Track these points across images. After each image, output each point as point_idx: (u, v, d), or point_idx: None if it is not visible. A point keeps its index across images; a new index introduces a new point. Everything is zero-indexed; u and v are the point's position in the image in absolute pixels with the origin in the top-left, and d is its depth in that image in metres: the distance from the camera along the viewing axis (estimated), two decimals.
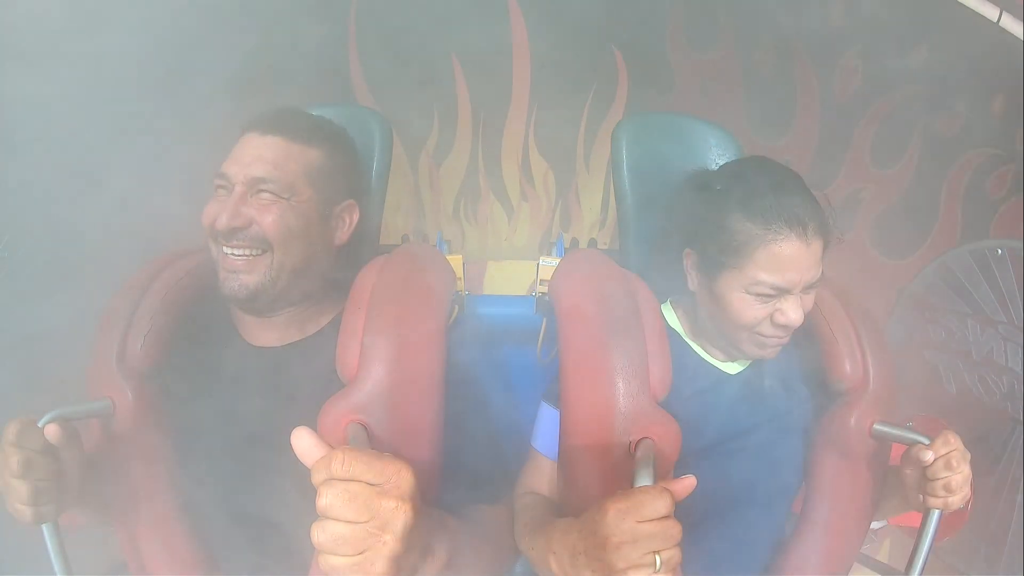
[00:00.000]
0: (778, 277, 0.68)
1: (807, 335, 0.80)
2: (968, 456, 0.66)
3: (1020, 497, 1.24)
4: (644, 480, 0.56)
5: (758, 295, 0.69)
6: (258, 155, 0.70)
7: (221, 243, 0.71)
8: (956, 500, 0.66)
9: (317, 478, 0.46)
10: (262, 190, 0.70)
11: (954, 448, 0.65)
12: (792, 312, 0.69)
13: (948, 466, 0.65)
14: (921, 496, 0.68)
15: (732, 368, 0.79)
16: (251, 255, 0.71)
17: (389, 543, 0.46)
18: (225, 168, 0.71)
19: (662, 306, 0.82)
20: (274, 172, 0.70)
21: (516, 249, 2.06)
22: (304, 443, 0.50)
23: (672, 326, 0.81)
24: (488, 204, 2.02)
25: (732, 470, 0.76)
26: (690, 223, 0.76)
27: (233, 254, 0.70)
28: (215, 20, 1.36)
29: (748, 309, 0.70)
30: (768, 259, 0.67)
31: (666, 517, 0.51)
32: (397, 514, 0.46)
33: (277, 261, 0.71)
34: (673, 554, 0.51)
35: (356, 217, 0.79)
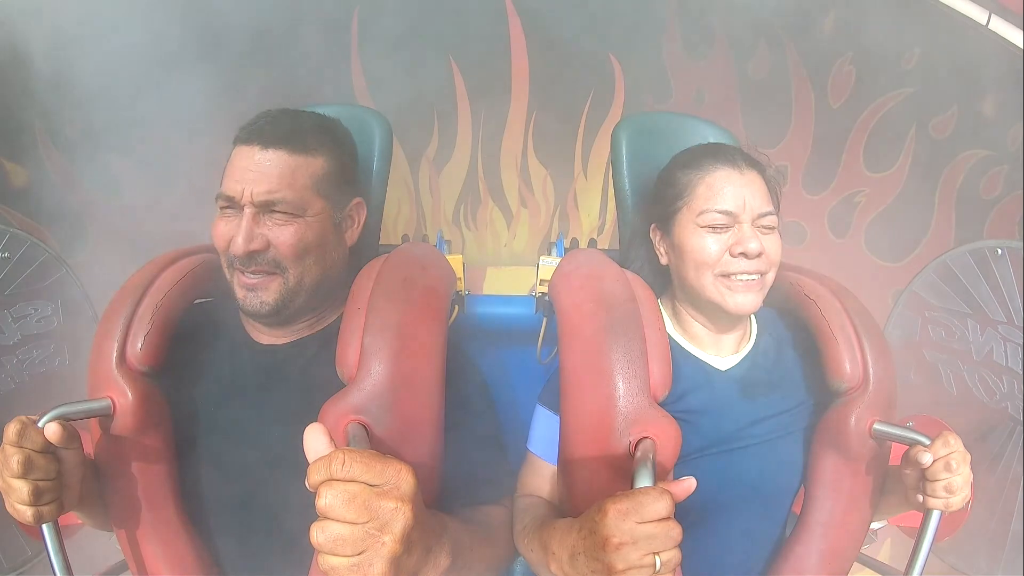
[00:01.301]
0: (720, 202, 0.73)
1: (806, 335, 0.80)
2: (968, 457, 0.66)
3: (1020, 497, 1.23)
4: (644, 480, 0.56)
5: (711, 227, 0.73)
6: (262, 172, 0.68)
7: (236, 266, 0.70)
8: (956, 501, 0.66)
9: (316, 478, 0.46)
10: (275, 210, 0.68)
11: (953, 449, 0.65)
12: (748, 241, 0.72)
13: (947, 467, 0.65)
14: (921, 497, 0.68)
15: (723, 364, 0.79)
16: (267, 274, 0.70)
17: (388, 544, 0.46)
18: (229, 189, 0.68)
19: None
20: (283, 191, 0.68)
21: (515, 255, 2.07)
22: (316, 441, 0.49)
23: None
24: (487, 210, 2.04)
25: (730, 471, 0.76)
26: (649, 203, 0.84)
27: (249, 272, 0.69)
28: (216, 25, 1.37)
29: (706, 243, 0.73)
30: (707, 190, 0.74)
31: (666, 518, 0.51)
32: (396, 515, 0.46)
33: (293, 280, 0.70)
34: (673, 555, 0.51)
35: (364, 215, 0.79)
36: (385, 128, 0.90)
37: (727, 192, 0.73)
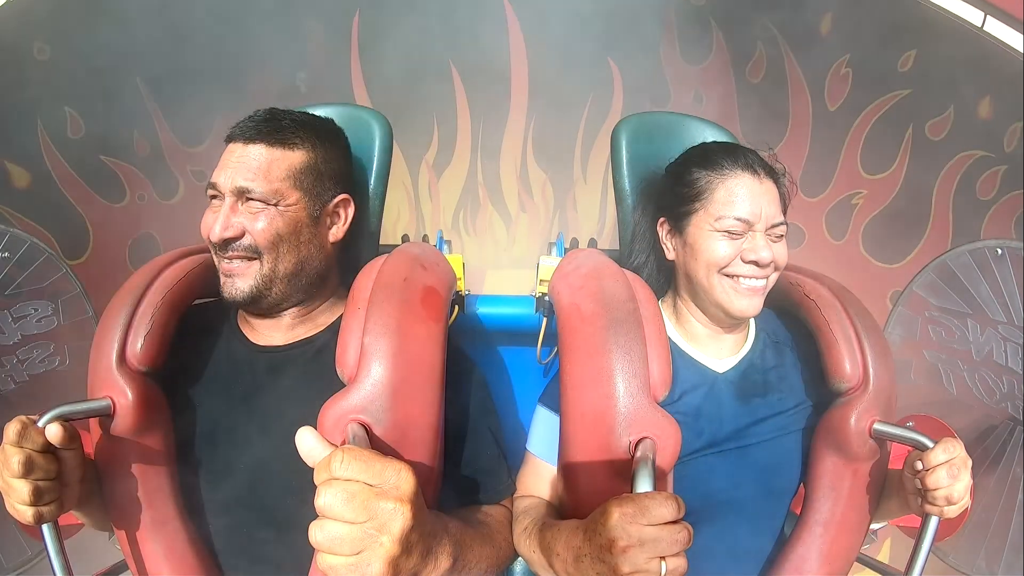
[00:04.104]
0: (738, 209, 0.74)
1: (806, 335, 0.80)
2: (969, 462, 0.66)
3: (1020, 497, 1.23)
4: (643, 480, 0.55)
5: (726, 231, 0.74)
6: (242, 164, 0.71)
7: (217, 251, 0.72)
8: (955, 509, 0.66)
9: (319, 478, 0.46)
10: (250, 198, 0.71)
11: (954, 456, 0.65)
12: (761, 249, 0.73)
13: (950, 475, 0.64)
14: (920, 501, 0.67)
15: (722, 366, 0.79)
16: (243, 261, 0.72)
17: (386, 544, 0.46)
18: (214, 178, 0.72)
19: None
20: (257, 180, 0.70)
21: (515, 259, 2.07)
22: (308, 443, 0.50)
23: None
24: (487, 214, 2.04)
25: (729, 471, 0.76)
26: (658, 196, 0.84)
27: (227, 260, 0.72)
28: (216, 26, 1.37)
29: (718, 245, 0.75)
30: (726, 195, 0.75)
31: (673, 522, 0.51)
32: (395, 515, 0.46)
33: (268, 267, 0.71)
34: (679, 563, 0.51)
35: (352, 211, 0.78)
36: (385, 128, 0.90)
37: (745, 199, 0.74)
